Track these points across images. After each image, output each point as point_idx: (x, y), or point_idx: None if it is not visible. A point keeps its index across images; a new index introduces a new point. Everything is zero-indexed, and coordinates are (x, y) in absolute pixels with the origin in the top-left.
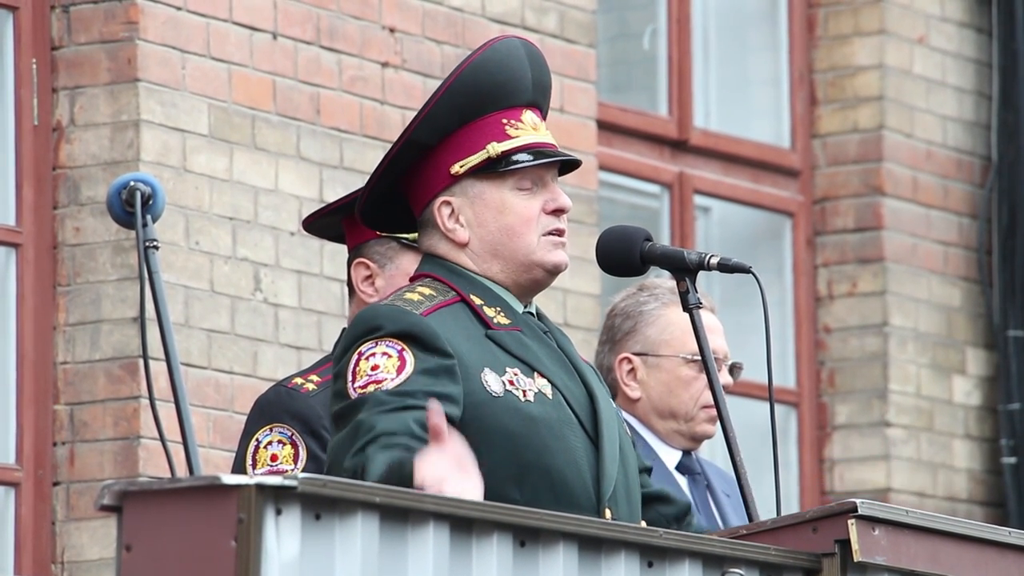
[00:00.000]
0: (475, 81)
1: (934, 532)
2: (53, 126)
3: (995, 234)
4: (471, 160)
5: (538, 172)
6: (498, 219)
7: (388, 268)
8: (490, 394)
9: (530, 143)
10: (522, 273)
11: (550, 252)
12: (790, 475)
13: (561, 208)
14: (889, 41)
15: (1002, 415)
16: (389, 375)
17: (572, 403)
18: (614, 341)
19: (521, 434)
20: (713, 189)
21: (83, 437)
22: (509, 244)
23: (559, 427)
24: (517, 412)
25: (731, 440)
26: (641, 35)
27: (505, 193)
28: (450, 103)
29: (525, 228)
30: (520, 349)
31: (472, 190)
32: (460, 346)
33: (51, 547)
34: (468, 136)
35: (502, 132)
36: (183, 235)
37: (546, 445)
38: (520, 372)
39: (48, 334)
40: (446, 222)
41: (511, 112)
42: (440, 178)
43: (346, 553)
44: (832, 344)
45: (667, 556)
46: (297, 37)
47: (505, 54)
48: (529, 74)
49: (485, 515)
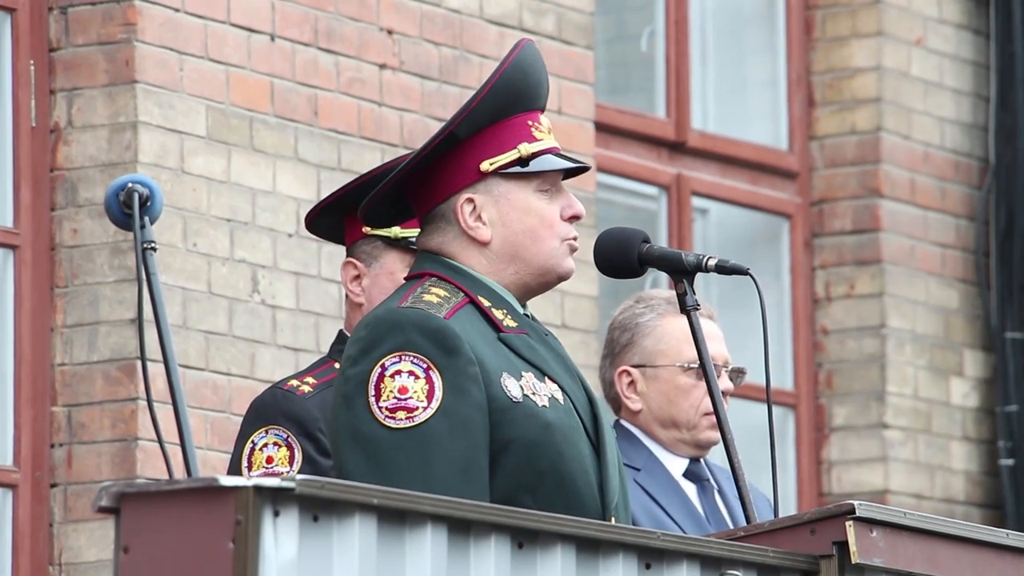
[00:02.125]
0: (514, 80)
1: (932, 534)
2: (51, 127)
3: (993, 236)
4: (501, 159)
5: (555, 177)
6: (523, 220)
7: (373, 267)
8: (511, 400)
9: (553, 147)
10: (536, 277)
11: (565, 259)
12: (788, 477)
13: (577, 215)
14: (887, 43)
15: (1000, 417)
16: (421, 403)
17: (579, 408)
18: (613, 355)
19: (538, 441)
20: (711, 191)
21: (81, 439)
22: (531, 247)
23: (571, 433)
24: (535, 418)
25: (729, 443)
26: (639, 37)
27: (530, 195)
28: (491, 100)
29: (547, 232)
30: (530, 353)
31: (498, 189)
32: (480, 350)
33: (49, 549)
34: (498, 134)
35: (529, 134)
36: (181, 236)
37: (560, 452)
38: (534, 377)
39: (46, 336)
40: (468, 219)
41: (533, 115)
42: (465, 174)
43: (344, 554)
44: (830, 346)
45: (665, 558)
46: (295, 39)
47: (532, 56)
48: (544, 78)
49: (483, 517)
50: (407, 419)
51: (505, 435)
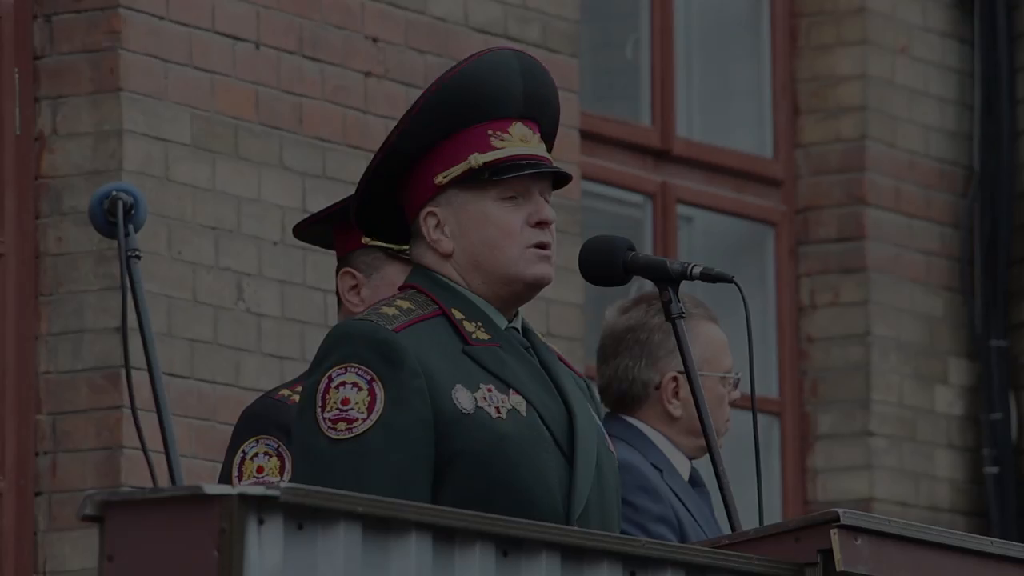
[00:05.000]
0: (457, 93)
1: (916, 542)
2: (35, 135)
3: (977, 244)
4: (453, 171)
5: (523, 184)
6: (480, 231)
7: (373, 278)
8: (460, 411)
9: (514, 155)
10: (503, 286)
11: (532, 265)
12: (773, 484)
13: (544, 220)
14: (871, 51)
15: (984, 425)
16: (361, 415)
17: (547, 420)
18: (656, 357)
19: (489, 452)
20: (696, 199)
21: (65, 447)
22: (490, 256)
23: (530, 445)
24: (487, 430)
25: (714, 450)
26: (624, 45)
27: (488, 204)
28: (431, 114)
29: (506, 240)
30: (496, 365)
31: (456, 200)
32: (432, 363)
33: (33, 557)
34: (452, 147)
35: (486, 143)
36: (165, 244)
37: (514, 463)
38: (495, 388)
39: (30, 344)
40: (431, 232)
41: (498, 124)
42: (426, 188)
43: (329, 562)
44: (815, 354)
45: (649, 565)
46: (280, 47)
47: (493, 65)
48: (521, 86)
49: (467, 525)
50: (347, 431)
51: (453, 447)
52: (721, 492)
